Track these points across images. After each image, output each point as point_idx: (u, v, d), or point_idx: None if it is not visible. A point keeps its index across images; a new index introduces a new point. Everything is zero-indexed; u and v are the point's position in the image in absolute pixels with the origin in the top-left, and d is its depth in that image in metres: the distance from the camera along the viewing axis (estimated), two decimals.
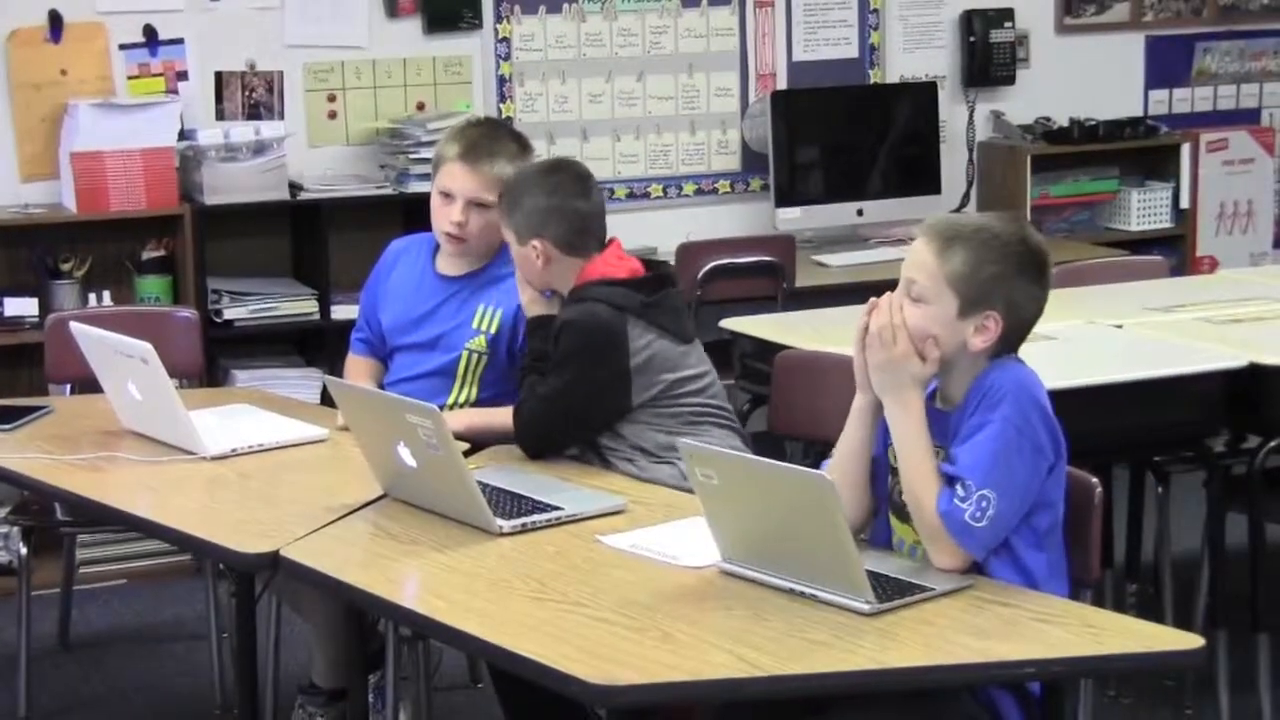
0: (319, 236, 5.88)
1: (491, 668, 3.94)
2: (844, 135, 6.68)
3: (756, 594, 3.01)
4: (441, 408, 3.99)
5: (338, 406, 3.82)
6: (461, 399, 4.19)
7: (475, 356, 4.18)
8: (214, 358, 5.67)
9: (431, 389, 4.11)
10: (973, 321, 3.11)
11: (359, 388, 3.86)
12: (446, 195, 4.17)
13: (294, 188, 5.89)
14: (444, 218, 4.18)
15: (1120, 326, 4.66)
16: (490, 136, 4.23)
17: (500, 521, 3.37)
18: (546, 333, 3.87)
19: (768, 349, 4.49)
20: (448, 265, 4.27)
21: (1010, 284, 3.13)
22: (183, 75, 5.96)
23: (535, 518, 3.41)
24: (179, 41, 5.95)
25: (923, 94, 6.79)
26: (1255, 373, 4.23)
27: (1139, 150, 7.05)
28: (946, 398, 3.20)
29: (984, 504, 3.02)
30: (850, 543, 2.90)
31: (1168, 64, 7.30)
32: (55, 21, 5.80)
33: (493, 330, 4.17)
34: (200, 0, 5.96)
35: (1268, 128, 7.35)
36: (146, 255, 5.79)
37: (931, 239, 3.14)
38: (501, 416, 4.09)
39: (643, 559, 3.21)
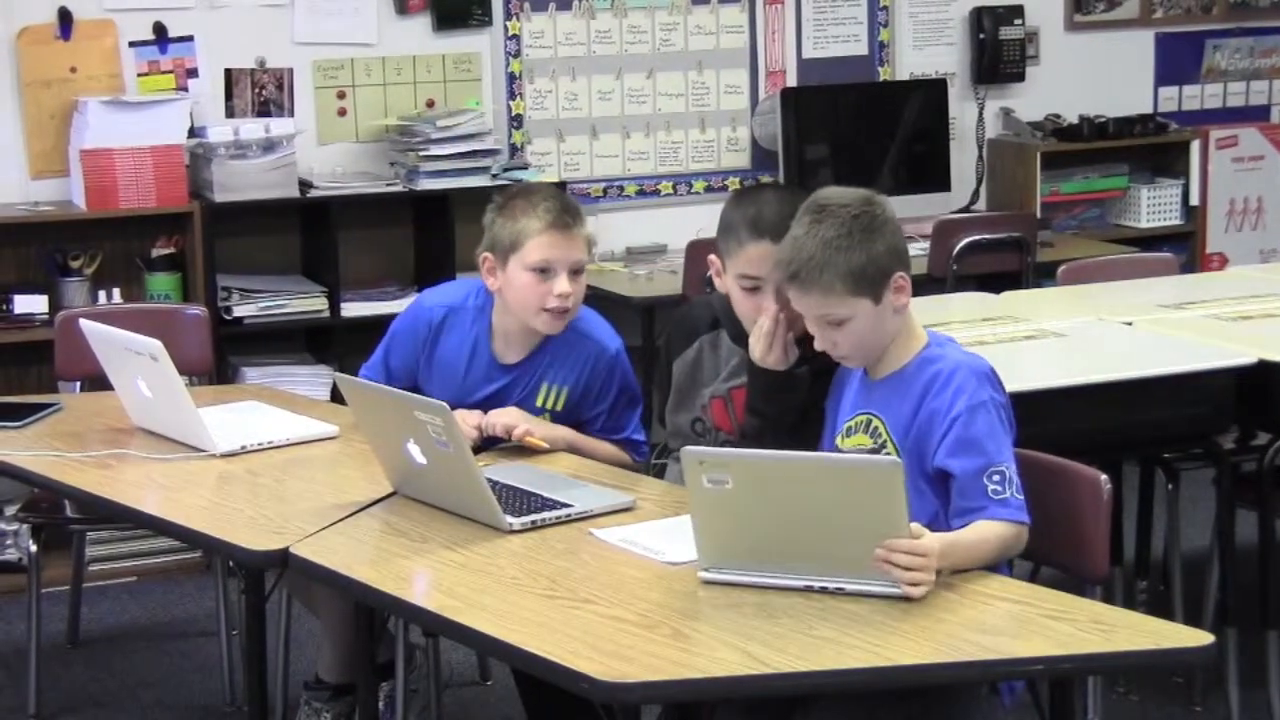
0: (329, 234, 5.87)
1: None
2: (854, 132, 6.68)
3: (766, 592, 3.00)
4: None
5: (348, 403, 3.81)
6: None
7: None
8: (223, 355, 5.67)
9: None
10: (888, 298, 3.22)
11: (369, 385, 3.83)
12: (543, 271, 3.91)
13: (304, 185, 5.89)
14: (546, 294, 3.91)
15: (1130, 324, 4.66)
16: (563, 199, 4.02)
17: (510, 519, 3.37)
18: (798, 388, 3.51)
19: None
20: (509, 351, 4.05)
21: (883, 244, 3.21)
22: (192, 72, 5.96)
23: (545, 515, 3.41)
24: (189, 39, 5.94)
25: (932, 91, 6.79)
26: (1265, 370, 4.22)
27: (1149, 147, 7.05)
28: (875, 366, 3.31)
29: (1007, 475, 3.17)
30: (908, 527, 2.92)
31: (1177, 61, 7.30)
32: (65, 19, 5.81)
33: (559, 407, 4.03)
34: None
35: (1277, 125, 7.35)
36: (156, 252, 5.79)
37: (805, 281, 3.21)
38: (597, 449, 4.00)
39: (631, 553, 3.21)
